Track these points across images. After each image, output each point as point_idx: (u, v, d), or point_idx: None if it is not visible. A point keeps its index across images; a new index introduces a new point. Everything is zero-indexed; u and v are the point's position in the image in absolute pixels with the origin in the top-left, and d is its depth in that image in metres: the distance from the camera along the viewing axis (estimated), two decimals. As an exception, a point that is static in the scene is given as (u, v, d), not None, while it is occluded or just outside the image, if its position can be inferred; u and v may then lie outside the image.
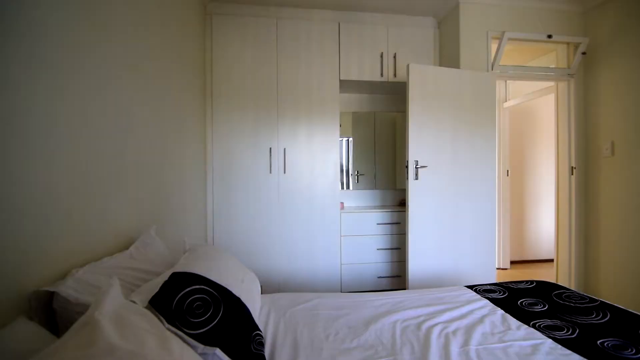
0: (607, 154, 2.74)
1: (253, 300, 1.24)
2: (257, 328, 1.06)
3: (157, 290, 0.93)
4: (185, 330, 0.88)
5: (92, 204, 1.15)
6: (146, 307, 0.90)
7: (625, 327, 1.23)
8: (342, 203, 3.04)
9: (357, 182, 3.36)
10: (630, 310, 1.39)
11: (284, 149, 2.75)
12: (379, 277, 2.91)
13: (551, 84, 3.11)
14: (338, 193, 2.84)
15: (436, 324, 1.27)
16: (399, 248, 2.93)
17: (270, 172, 2.73)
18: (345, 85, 3.05)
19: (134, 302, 0.91)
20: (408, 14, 3.00)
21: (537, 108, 4.20)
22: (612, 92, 2.72)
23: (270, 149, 2.73)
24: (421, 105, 2.53)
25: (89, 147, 1.13)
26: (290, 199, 2.76)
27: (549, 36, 2.81)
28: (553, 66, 3.06)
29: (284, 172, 2.75)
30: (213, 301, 0.98)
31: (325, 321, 1.32)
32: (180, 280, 0.99)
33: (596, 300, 1.49)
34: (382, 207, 3.16)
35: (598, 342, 1.13)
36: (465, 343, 1.13)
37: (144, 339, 0.69)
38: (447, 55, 2.94)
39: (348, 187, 3.34)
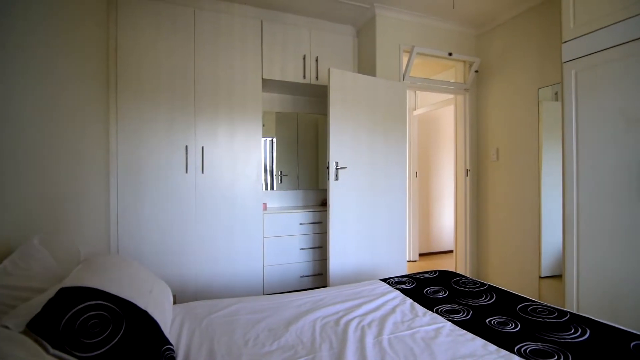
0: (493, 158, 3.21)
1: (163, 311, 1.13)
2: (167, 342, 0.97)
3: (38, 310, 0.79)
4: (76, 354, 0.77)
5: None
6: (23, 332, 0.76)
7: (507, 306, 1.45)
8: (265, 204, 2.99)
9: (281, 182, 3.34)
10: (511, 291, 1.64)
11: (202, 147, 2.59)
12: (301, 277, 2.94)
13: (451, 96, 3.53)
14: (261, 194, 2.79)
15: (353, 318, 1.33)
16: (321, 247, 3.00)
17: (186, 172, 2.55)
18: (269, 85, 3.01)
19: (7, 327, 0.76)
20: (329, 20, 3.10)
21: (441, 117, 4.72)
22: (498, 106, 3.20)
23: (187, 147, 2.55)
24: (341, 109, 2.63)
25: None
26: (210, 201, 2.61)
27: (450, 54, 3.19)
28: (453, 81, 3.47)
29: (202, 172, 2.59)
30: (113, 317, 0.86)
31: (245, 326, 1.28)
32: (71, 297, 0.86)
33: (485, 285, 1.72)
34: (305, 207, 3.20)
35: (487, 320, 1.31)
36: (379, 333, 1.20)
37: (16, 372, 0.57)
38: (365, 63, 3.12)
39: (272, 188, 3.31)
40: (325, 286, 2.36)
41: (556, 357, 1.03)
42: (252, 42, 2.77)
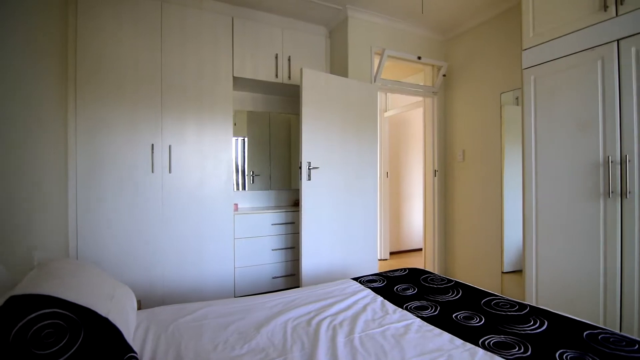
0: (460, 159, 3.34)
1: (126, 318, 1.08)
2: (130, 350, 0.92)
3: (-17, 321, 0.73)
4: (27, 367, 0.71)
5: None
6: (-36, 346, 0.69)
7: (473, 301, 1.51)
8: (236, 204, 2.94)
9: (253, 182, 3.30)
10: (476, 286, 1.71)
11: (170, 146, 2.50)
12: (274, 278, 2.91)
13: (420, 99, 3.63)
14: (232, 194, 2.73)
15: (325, 318, 1.33)
16: (293, 247, 2.99)
17: (152, 172, 2.44)
18: (240, 83, 2.96)
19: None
20: (302, 20, 3.10)
21: (411, 119, 4.85)
22: (464, 109, 3.33)
23: (153, 145, 2.45)
24: (314, 109, 2.63)
25: None
26: (178, 201, 2.52)
27: (419, 58, 3.28)
28: (422, 84, 3.57)
29: (169, 172, 2.50)
30: (70, 326, 0.81)
31: (214, 330, 1.25)
32: (22, 305, 0.80)
33: (452, 281, 1.78)
34: (277, 207, 3.18)
35: (453, 315, 1.36)
36: (350, 332, 1.21)
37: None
38: (337, 64, 3.14)
39: (244, 188, 3.25)
40: (298, 287, 2.35)
41: (517, 348, 1.08)
42: (222, 39, 2.71)
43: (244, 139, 3.26)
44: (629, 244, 1.65)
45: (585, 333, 1.17)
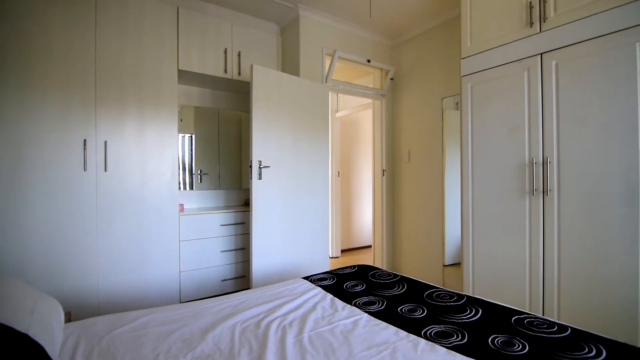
0: (406, 160, 3.51)
1: (51, 333, 0.97)
2: (54, 368, 0.83)
3: None
4: None
5: None
6: None
7: (416, 294, 1.58)
8: (181, 205, 2.79)
9: (200, 182, 3.15)
10: (419, 280, 1.80)
11: (105, 141, 2.29)
12: (223, 281, 2.81)
13: (369, 100, 3.75)
14: (177, 194, 2.58)
15: (275, 319, 1.31)
16: (243, 248, 2.91)
17: (85, 170, 2.22)
18: (186, 77, 2.81)
19: None
20: (253, 15, 3.03)
21: (361, 120, 4.98)
22: (409, 112, 3.50)
23: (85, 141, 2.23)
24: (265, 107, 2.59)
25: None
26: (115, 202, 2.33)
27: (369, 61, 3.38)
28: (371, 86, 3.69)
29: (105, 170, 2.29)
30: (-25, 346, 0.70)
31: (156, 339, 1.17)
32: None
33: (398, 276, 1.86)
34: (227, 207, 3.07)
35: (398, 309, 1.42)
36: (300, 332, 1.21)
37: None
38: (289, 62, 3.12)
39: (191, 187, 3.10)
40: (249, 289, 2.30)
41: (455, 337, 1.15)
42: (167, 29, 2.55)
43: (191, 136, 3.11)
44: (549, 237, 1.85)
45: (513, 318, 1.28)
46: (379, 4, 2.86)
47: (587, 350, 1.04)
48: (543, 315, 1.85)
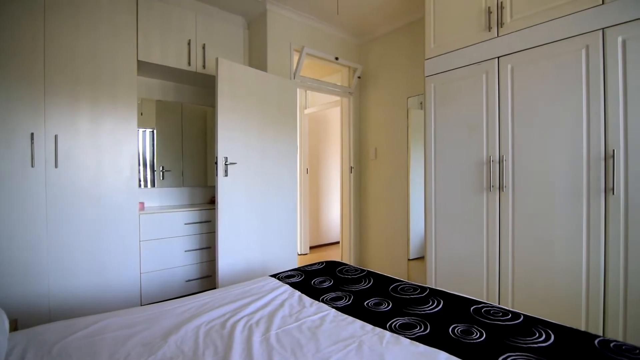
0: (372, 157, 3.57)
1: (-10, 343, 0.88)
2: (-6, 382, 0.76)
3: None
4: None
5: None
6: None
7: (382, 288, 1.62)
8: (142, 203, 2.65)
9: (163, 179, 3.02)
10: (385, 274, 1.85)
11: (56, 135, 2.13)
12: (187, 281, 2.72)
13: (338, 98, 3.77)
14: (137, 191, 2.45)
15: (241, 318, 1.29)
16: (209, 247, 2.83)
17: (32, 166, 2.05)
18: (147, 68, 2.67)
19: None
20: (218, 7, 2.94)
21: (330, 117, 5.01)
22: (376, 110, 3.56)
23: (33, 134, 2.05)
24: (231, 102, 2.53)
25: None
26: (68, 200, 2.17)
27: (336, 58, 3.39)
28: (339, 84, 3.71)
29: (56, 166, 2.13)
30: None
31: (113, 345, 1.10)
32: None
33: (364, 271, 1.89)
34: (191, 205, 2.97)
35: (365, 303, 1.44)
36: (267, 330, 1.20)
37: None
38: (256, 57, 3.06)
39: (152, 185, 2.96)
40: (214, 288, 2.24)
41: (418, 328, 1.19)
42: (124, 17, 2.40)
43: (152, 131, 2.97)
44: (504, 231, 1.97)
45: (472, 308, 1.35)
46: (346, 1, 2.88)
47: (537, 335, 1.11)
48: (499, 304, 1.96)
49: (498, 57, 1.98)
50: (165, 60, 2.61)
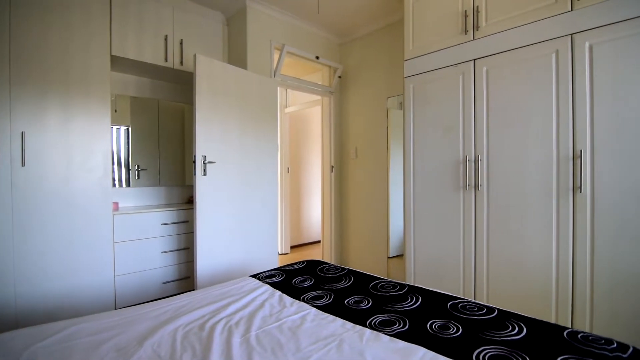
0: (353, 156, 3.60)
1: (-51, 353, 0.83)
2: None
3: None
4: None
5: None
6: None
7: (362, 286, 1.64)
8: (116, 203, 2.56)
9: (138, 178, 2.93)
10: (365, 272, 1.86)
11: (22, 132, 2.02)
12: (164, 283, 2.65)
13: (318, 97, 3.77)
14: (110, 191, 2.36)
15: (220, 320, 1.27)
16: (187, 248, 2.77)
17: (-4, 165, 1.94)
18: (121, 64, 2.58)
19: None
20: (196, 2, 2.87)
21: (310, 116, 5.00)
22: (356, 109, 3.59)
23: (-3, 132, 1.94)
24: (210, 100, 2.48)
25: None
26: (36, 200, 2.06)
27: (317, 57, 3.39)
28: (320, 83, 3.71)
29: (23, 165, 2.02)
30: None
31: (85, 351, 1.06)
32: None
33: (345, 269, 1.91)
34: (169, 205, 2.90)
35: (345, 301, 1.45)
36: (247, 331, 1.18)
37: None
38: (236, 54, 3.02)
39: (127, 184, 2.86)
40: (193, 290, 2.19)
41: (397, 324, 1.21)
42: (97, 9, 2.30)
43: (127, 129, 2.87)
44: (479, 228, 2.03)
45: (449, 303, 1.38)
46: (326, 1, 2.88)
47: (510, 328, 1.15)
48: (475, 299, 2.02)
49: (474, 60, 2.03)
50: (140, 56, 2.53)
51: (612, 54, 1.57)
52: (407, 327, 1.19)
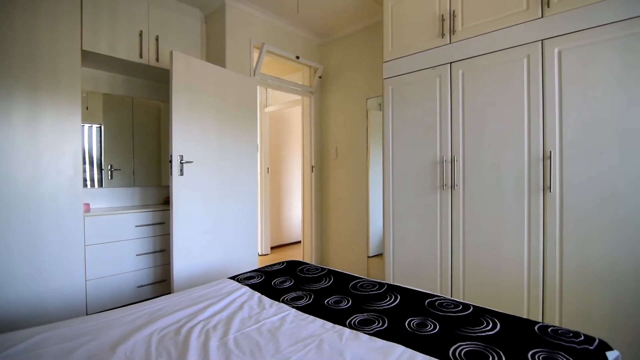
0: (333, 156, 3.61)
1: None
2: None
3: None
4: None
5: None
6: None
7: (342, 286, 1.64)
8: (87, 204, 2.46)
9: (111, 178, 2.82)
10: (345, 272, 1.87)
11: (-17, 131, 1.91)
12: (139, 287, 2.57)
13: (299, 97, 3.76)
14: (81, 192, 2.27)
15: (197, 323, 1.24)
16: (163, 250, 2.69)
17: (-46, 164, 1.82)
18: (93, 59, 2.48)
19: None
20: (173, -2, 2.80)
21: (291, 116, 4.98)
22: (336, 110, 3.60)
23: (-46, 129, 1.82)
24: (187, 98, 2.42)
25: None
26: (0, 203, 1.95)
27: (297, 57, 3.38)
28: (300, 83, 3.70)
29: (-16, 165, 1.91)
30: None
31: (54, 359, 1.01)
32: None
33: (325, 269, 1.91)
34: (144, 206, 2.81)
35: (325, 301, 1.45)
36: (225, 334, 1.16)
37: None
38: (214, 52, 2.96)
39: (100, 185, 2.76)
40: (170, 293, 2.13)
41: (376, 323, 1.22)
42: (66, 4, 2.20)
43: (99, 127, 2.76)
44: (456, 226, 2.08)
45: (426, 301, 1.41)
46: (306, 0, 2.88)
47: (485, 324, 1.19)
48: (451, 296, 2.07)
49: (450, 63, 2.08)
50: (113, 52, 2.44)
51: (580, 59, 1.65)
52: (386, 325, 1.21)
